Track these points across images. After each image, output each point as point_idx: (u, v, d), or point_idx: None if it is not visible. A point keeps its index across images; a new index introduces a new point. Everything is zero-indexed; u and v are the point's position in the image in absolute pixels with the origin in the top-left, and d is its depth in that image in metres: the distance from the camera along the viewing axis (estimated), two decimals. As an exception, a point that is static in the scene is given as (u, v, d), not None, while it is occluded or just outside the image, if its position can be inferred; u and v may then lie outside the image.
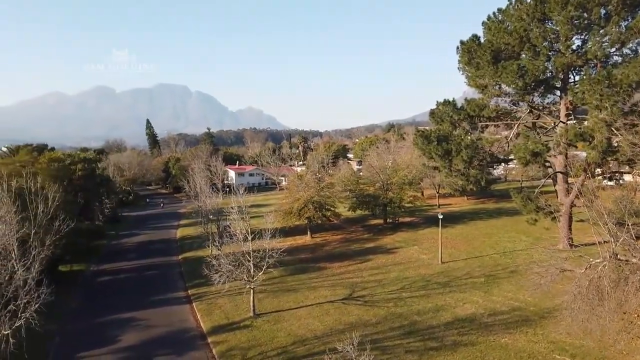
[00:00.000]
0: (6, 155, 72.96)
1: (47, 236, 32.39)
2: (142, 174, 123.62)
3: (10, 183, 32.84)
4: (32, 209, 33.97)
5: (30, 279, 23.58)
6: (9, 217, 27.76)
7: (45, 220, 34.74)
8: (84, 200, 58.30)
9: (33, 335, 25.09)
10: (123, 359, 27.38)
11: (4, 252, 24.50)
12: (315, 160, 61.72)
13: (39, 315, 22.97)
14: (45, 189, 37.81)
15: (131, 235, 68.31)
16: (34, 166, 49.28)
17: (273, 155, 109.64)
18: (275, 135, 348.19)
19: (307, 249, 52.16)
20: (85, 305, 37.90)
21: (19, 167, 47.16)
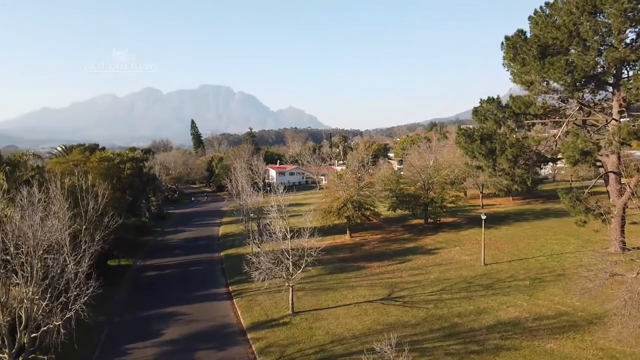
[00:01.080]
0: (60, 155, 76.83)
1: (96, 231, 33.98)
2: (186, 173, 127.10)
3: (63, 181, 34.63)
4: (83, 206, 35.71)
5: (81, 273, 24.74)
6: (61, 213, 29.26)
7: (95, 217, 36.46)
8: (131, 198, 60.57)
9: (82, 327, 26.34)
10: (166, 352, 28.25)
11: (57, 247, 25.79)
12: (355, 159, 61.49)
13: (88, 308, 24.09)
14: (96, 186, 39.66)
15: (176, 232, 70.43)
16: (86, 165, 51.64)
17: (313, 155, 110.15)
18: (316, 134, 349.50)
19: (346, 248, 52.08)
20: (131, 298, 39.39)
21: (72, 166, 49.55)
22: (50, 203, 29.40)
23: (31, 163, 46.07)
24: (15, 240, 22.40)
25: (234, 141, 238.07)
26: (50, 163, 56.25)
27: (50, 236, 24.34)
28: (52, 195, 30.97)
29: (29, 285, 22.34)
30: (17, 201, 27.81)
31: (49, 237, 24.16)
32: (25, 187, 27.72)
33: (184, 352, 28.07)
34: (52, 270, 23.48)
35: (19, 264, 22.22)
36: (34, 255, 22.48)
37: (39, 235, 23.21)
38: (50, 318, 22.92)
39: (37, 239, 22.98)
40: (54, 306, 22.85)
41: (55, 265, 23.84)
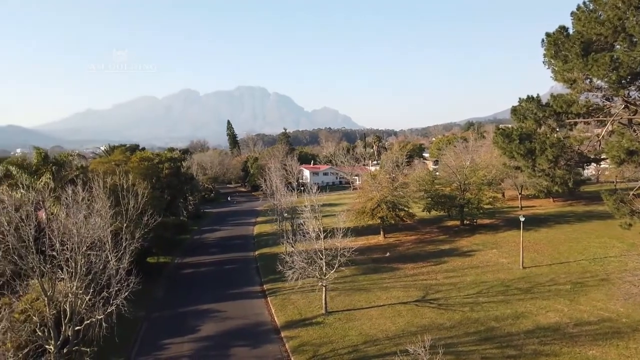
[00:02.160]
0: (103, 155, 79.71)
1: (136, 229, 35.06)
2: (222, 173, 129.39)
3: (105, 180, 35.90)
4: (124, 205, 36.92)
5: (122, 269, 25.66)
6: (104, 211, 30.33)
7: (135, 215, 37.61)
8: (169, 197, 62.21)
9: (123, 321, 27.28)
10: (202, 348, 28.88)
11: (99, 244, 26.80)
12: (390, 159, 61.03)
13: (128, 303, 24.92)
14: (136, 186, 40.92)
15: (212, 230, 71.82)
16: (127, 165, 53.42)
17: (347, 155, 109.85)
18: (350, 134, 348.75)
19: (379, 248, 51.77)
20: (169, 295, 40.47)
21: (114, 165, 51.35)
22: (94, 201, 30.52)
23: (76, 163, 47.89)
24: (60, 237, 23.43)
25: (268, 141, 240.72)
26: (94, 163, 58.44)
27: (93, 233, 25.30)
28: (95, 194, 32.14)
29: (74, 280, 23.31)
30: (62, 199, 29.05)
31: (92, 234, 25.12)
32: (70, 186, 28.92)
33: (219, 348, 28.63)
34: (95, 266, 24.44)
35: (64, 259, 23.23)
36: (78, 252, 23.45)
37: (82, 233, 24.19)
38: (92, 312, 23.88)
39: (81, 236, 23.96)
40: (96, 301, 23.77)
41: (98, 261, 24.80)
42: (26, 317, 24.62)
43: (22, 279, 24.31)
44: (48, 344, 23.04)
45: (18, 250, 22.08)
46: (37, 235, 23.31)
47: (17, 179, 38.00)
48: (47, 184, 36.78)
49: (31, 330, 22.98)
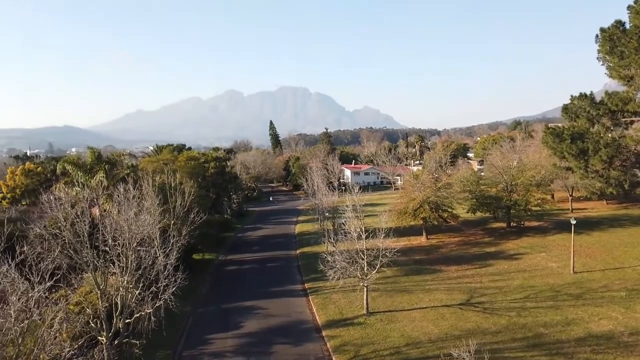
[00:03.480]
0: (152, 154, 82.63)
1: (183, 227, 36.21)
2: (265, 172, 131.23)
3: (154, 179, 37.27)
4: (171, 202, 38.23)
5: (169, 265, 26.58)
6: (153, 209, 31.51)
7: (182, 213, 38.85)
8: (214, 195, 63.72)
9: (170, 315, 28.21)
10: (245, 344, 29.40)
11: (148, 240, 27.87)
12: (433, 159, 60.01)
13: (175, 298, 25.78)
14: (183, 184, 42.23)
15: (255, 229, 73.02)
16: (174, 164, 55.14)
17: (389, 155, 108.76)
18: (392, 134, 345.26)
19: (422, 250, 51.01)
20: (213, 291, 41.45)
21: (162, 165, 53.14)
22: (143, 199, 31.75)
23: (126, 162, 49.92)
24: (112, 233, 24.51)
25: (310, 141, 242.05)
26: (143, 162, 60.73)
27: (143, 230, 26.33)
28: (144, 192, 33.40)
29: (125, 274, 24.34)
30: (114, 197, 30.36)
31: (142, 231, 26.15)
32: (121, 184, 30.20)
33: (261, 345, 29.06)
34: (145, 262, 25.42)
35: (115, 254, 24.30)
36: (128, 247, 24.48)
37: (133, 229, 25.22)
38: (142, 306, 24.85)
39: (132, 232, 24.99)
40: (145, 295, 24.71)
41: (147, 257, 25.79)
42: (80, 309, 25.93)
43: (77, 272, 25.59)
44: (100, 335, 24.16)
45: (74, 244, 23.27)
46: (91, 231, 24.46)
47: (73, 177, 40.06)
48: (101, 182, 38.55)
49: (85, 322, 24.16)
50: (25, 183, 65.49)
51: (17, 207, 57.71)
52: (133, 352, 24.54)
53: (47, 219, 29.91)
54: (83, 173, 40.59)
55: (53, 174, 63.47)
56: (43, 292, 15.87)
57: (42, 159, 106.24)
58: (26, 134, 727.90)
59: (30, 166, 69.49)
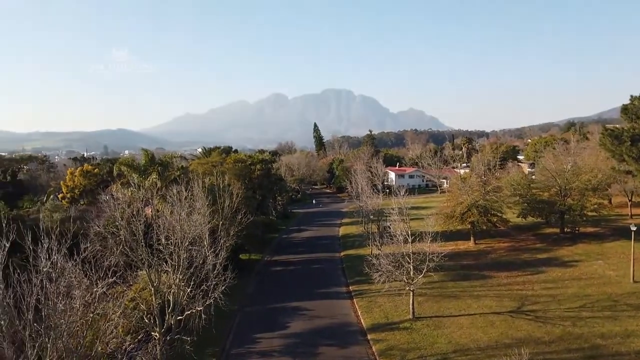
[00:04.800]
0: (201, 156, 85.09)
1: (231, 227, 37.09)
2: (309, 174, 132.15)
3: (204, 180, 38.37)
4: (220, 203, 39.19)
5: (218, 264, 27.29)
6: (203, 210, 32.43)
7: (230, 214, 39.76)
8: (260, 197, 64.86)
9: (219, 313, 28.89)
10: (291, 344, 29.69)
11: (199, 240, 28.74)
12: (481, 162, 58.48)
13: (224, 296, 26.41)
14: (231, 186, 43.22)
15: (299, 230, 73.66)
16: (222, 166, 56.57)
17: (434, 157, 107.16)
18: (437, 136, 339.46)
19: (470, 255, 49.77)
20: (259, 291, 42.14)
21: (211, 166, 54.67)
22: (194, 200, 32.77)
23: (177, 164, 51.74)
24: (166, 233, 25.47)
25: (353, 143, 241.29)
26: (193, 164, 62.72)
27: (194, 230, 27.20)
28: (195, 193, 34.46)
29: (177, 272, 25.21)
30: (167, 198, 31.51)
31: (193, 231, 27.02)
32: (173, 185, 31.32)
33: (307, 346, 29.25)
34: (195, 261, 26.24)
35: (168, 253, 25.23)
36: (181, 246, 25.34)
37: (185, 229, 26.10)
38: (193, 304, 25.63)
39: (184, 232, 25.86)
40: (196, 293, 25.48)
41: (198, 256, 26.62)
42: (135, 305, 27.02)
43: (132, 270, 26.75)
44: (154, 330, 25.11)
45: (130, 243, 24.33)
46: (145, 230, 25.51)
47: (128, 178, 41.89)
48: (154, 183, 40.12)
49: (139, 318, 25.21)
50: (83, 183, 69.10)
51: (77, 206, 60.92)
52: (184, 349, 25.33)
53: (105, 218, 31.46)
54: (138, 174, 42.34)
55: (109, 175, 66.66)
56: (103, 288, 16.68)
57: (98, 160, 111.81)
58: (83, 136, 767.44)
59: (88, 167, 73.27)
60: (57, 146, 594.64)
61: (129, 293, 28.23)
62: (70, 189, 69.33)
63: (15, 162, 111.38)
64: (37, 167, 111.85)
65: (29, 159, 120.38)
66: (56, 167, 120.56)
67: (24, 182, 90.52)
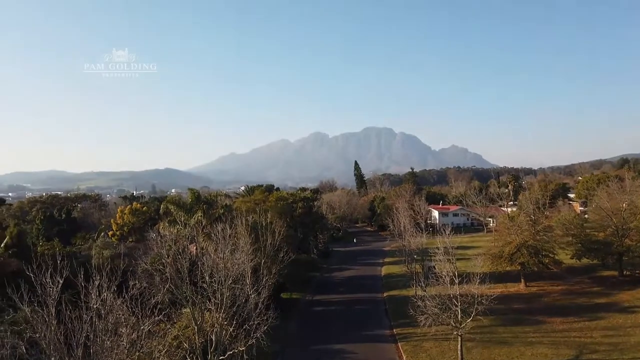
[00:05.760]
0: (244, 194, 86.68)
1: (273, 265, 37.05)
2: (350, 212, 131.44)
3: (247, 218, 38.87)
4: (262, 241, 39.40)
5: (261, 303, 27.11)
6: (246, 247, 32.67)
7: (272, 251, 39.84)
8: (302, 235, 64.88)
9: (260, 354, 28.45)
10: (334, 388, 28.71)
11: (242, 278, 28.79)
12: (529, 200, 56.39)
13: (266, 337, 26.06)
14: (273, 224, 43.52)
15: (341, 269, 72.63)
16: (265, 204, 57.30)
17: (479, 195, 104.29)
18: (481, 173, 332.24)
19: (521, 298, 47.32)
20: (301, 331, 41.41)
21: (254, 205, 55.46)
22: (237, 238, 33.13)
23: (222, 202, 52.83)
24: (209, 270, 25.70)
25: (395, 181, 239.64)
26: (237, 202, 63.90)
27: (237, 268, 27.34)
28: (238, 231, 34.89)
29: (219, 311, 25.20)
30: (211, 235, 32.04)
31: (236, 269, 27.16)
32: (218, 223, 31.87)
33: (350, 391, 28.20)
34: (238, 299, 26.21)
35: (212, 291, 25.35)
36: (224, 285, 25.44)
37: (228, 267, 26.29)
38: (235, 343, 25.40)
39: (227, 270, 26.02)
40: (238, 332, 25.30)
41: (240, 294, 26.59)
42: (178, 344, 27.07)
43: (177, 307, 27.00)
44: (196, 370, 24.94)
45: (175, 280, 24.68)
46: (190, 268, 25.85)
47: (175, 216, 43.03)
48: (200, 221, 40.98)
49: (182, 357, 25.18)
50: (132, 221, 71.51)
51: (126, 243, 62.91)
52: (226, 389, 24.95)
53: (151, 256, 32.23)
54: (184, 212, 43.45)
55: (157, 213, 68.77)
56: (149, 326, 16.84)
57: (147, 199, 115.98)
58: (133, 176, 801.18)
59: (137, 206, 75.97)
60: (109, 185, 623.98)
61: (173, 331, 28.36)
62: (119, 226, 71.85)
63: (70, 201, 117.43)
64: (90, 206, 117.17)
65: (82, 197, 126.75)
66: (107, 205, 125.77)
67: (78, 219, 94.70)
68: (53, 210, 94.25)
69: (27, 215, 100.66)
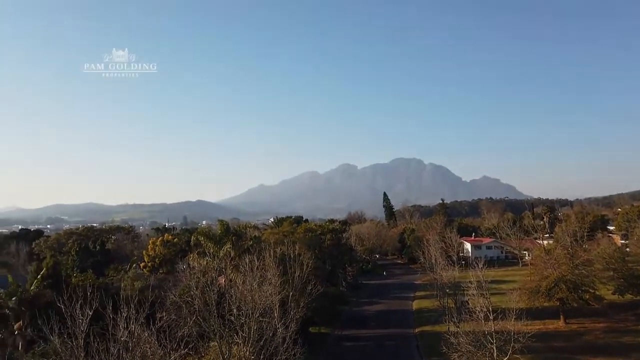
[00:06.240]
0: (273, 226, 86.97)
1: (301, 298, 36.55)
2: (379, 244, 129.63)
3: (275, 250, 38.78)
4: (290, 273, 39.06)
5: (288, 337, 26.64)
6: (274, 280, 32.46)
7: (300, 284, 39.38)
8: (330, 267, 64.17)
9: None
10: None
11: (269, 311, 28.47)
12: (566, 232, 54.48)
13: (294, 372, 25.47)
14: (301, 255, 43.25)
15: (370, 303, 71.11)
16: (293, 236, 57.23)
17: (513, 227, 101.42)
18: (515, 205, 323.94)
19: (560, 336, 45.05)
20: (330, 367, 40.34)
21: (282, 236, 55.47)
22: (265, 270, 32.99)
23: (250, 233, 53.07)
24: (237, 303, 25.56)
25: (425, 212, 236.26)
26: (265, 233, 64.07)
27: (265, 300, 27.10)
28: (266, 263, 34.77)
29: (247, 345, 24.90)
30: (240, 267, 32.02)
31: (264, 302, 26.93)
32: (246, 255, 31.88)
33: None
34: (266, 333, 25.84)
35: (239, 324, 25.12)
36: (251, 317, 25.20)
37: (256, 299, 26.09)
38: (262, 379, 24.93)
39: (255, 303, 25.82)
40: (266, 368, 24.84)
41: (268, 328, 26.24)
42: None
43: (204, 340, 26.82)
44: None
45: (202, 313, 24.63)
46: (218, 300, 25.78)
47: (204, 248, 43.41)
48: (229, 252, 41.18)
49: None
50: (163, 253, 72.58)
51: (156, 275, 63.66)
52: None
53: (180, 287, 32.40)
54: (213, 244, 43.80)
55: (187, 245, 69.62)
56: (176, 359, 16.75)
57: (178, 230, 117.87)
58: (165, 208, 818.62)
59: (168, 237, 77.24)
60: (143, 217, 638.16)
61: (200, 365, 28.16)
62: (151, 258, 72.99)
63: (104, 233, 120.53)
64: (123, 237, 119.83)
65: (116, 229, 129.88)
66: (140, 237, 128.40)
67: (112, 251, 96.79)
68: (88, 241, 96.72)
69: (63, 246, 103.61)
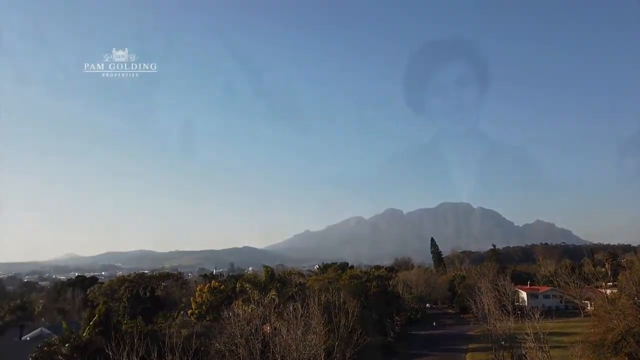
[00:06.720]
0: (318, 272, 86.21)
1: (347, 349, 35.50)
2: (428, 292, 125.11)
3: (320, 297, 38.25)
4: (335, 322, 38.24)
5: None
6: (318, 328, 31.87)
7: (346, 333, 38.37)
8: (377, 316, 62.30)
9: None
10: None
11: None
12: (631, 280, 50.68)
13: None
14: (347, 303, 42.41)
15: (420, 355, 67.92)
16: (338, 282, 56.42)
17: (572, 275, 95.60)
18: (572, 251, 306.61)
19: (632, 395, 40.99)
20: None
21: (327, 283, 54.82)
22: (309, 318, 32.49)
23: (295, 280, 52.80)
24: (282, 352, 25.17)
25: (475, 259, 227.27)
26: (310, 280, 63.53)
27: (309, 350, 26.54)
28: (311, 311, 34.28)
29: (291, 397, 24.22)
30: (284, 315, 31.73)
31: (308, 351, 26.37)
32: (290, 302, 31.62)
33: None
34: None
35: (283, 374, 24.60)
36: (296, 368, 24.66)
37: (300, 349, 25.61)
38: None
39: (299, 353, 25.34)
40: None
41: (314, 380, 25.52)
42: None
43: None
44: None
45: (247, 362, 24.37)
46: (262, 349, 25.50)
47: (250, 294, 43.52)
48: (273, 299, 41.01)
49: None
50: (210, 299, 73.10)
51: (203, 322, 63.94)
52: None
53: (225, 335, 32.31)
54: (258, 291, 43.84)
55: (233, 291, 69.94)
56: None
57: (225, 277, 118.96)
58: (213, 254, 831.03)
59: (215, 284, 77.98)
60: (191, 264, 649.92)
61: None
62: (198, 304, 73.60)
63: (154, 279, 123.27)
64: (172, 284, 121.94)
65: (166, 276, 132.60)
66: (188, 283, 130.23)
67: (161, 298, 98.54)
68: (139, 288, 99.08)
69: (116, 293, 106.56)
